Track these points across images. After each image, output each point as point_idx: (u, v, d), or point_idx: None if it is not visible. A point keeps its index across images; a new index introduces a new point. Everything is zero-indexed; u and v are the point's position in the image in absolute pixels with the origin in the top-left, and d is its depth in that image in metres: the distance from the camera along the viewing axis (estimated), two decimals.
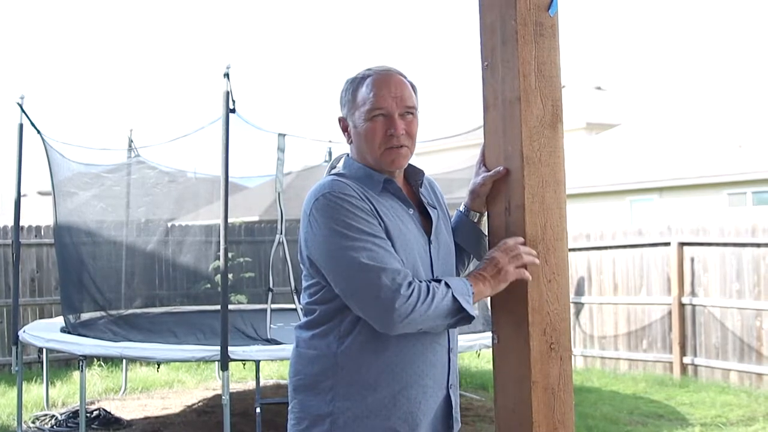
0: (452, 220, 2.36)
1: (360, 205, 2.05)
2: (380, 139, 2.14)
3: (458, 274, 2.32)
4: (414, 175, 2.27)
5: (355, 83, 2.20)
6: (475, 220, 2.30)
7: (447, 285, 2.03)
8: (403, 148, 2.16)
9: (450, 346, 2.20)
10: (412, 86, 2.22)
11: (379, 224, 2.06)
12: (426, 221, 2.22)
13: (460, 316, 2.04)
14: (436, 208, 2.27)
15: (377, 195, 2.13)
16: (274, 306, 6.96)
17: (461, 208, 2.33)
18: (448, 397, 2.20)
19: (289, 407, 2.20)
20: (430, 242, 2.18)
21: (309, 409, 2.12)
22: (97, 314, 7.88)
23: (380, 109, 2.13)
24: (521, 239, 2.09)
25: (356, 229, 2.01)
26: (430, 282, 2.03)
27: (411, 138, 2.17)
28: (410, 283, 1.97)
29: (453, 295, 2.00)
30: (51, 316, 9.39)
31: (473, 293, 2.04)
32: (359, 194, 2.08)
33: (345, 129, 2.24)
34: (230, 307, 6.60)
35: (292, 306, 7.14)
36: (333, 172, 2.24)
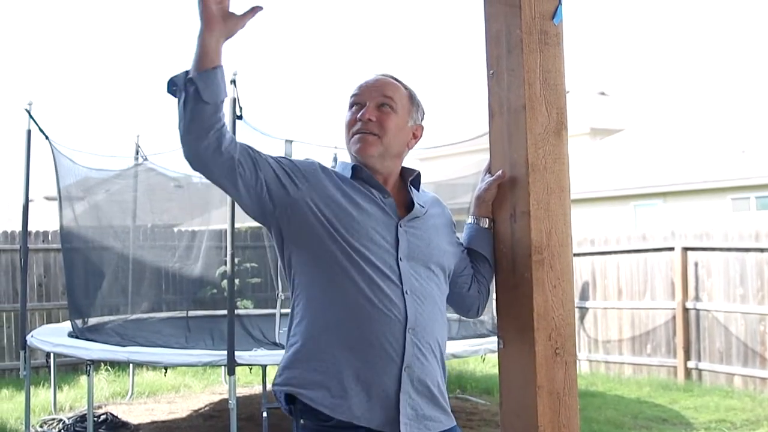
0: (464, 233, 2.35)
1: (301, 161, 2.17)
2: (351, 125, 2.22)
3: (480, 283, 2.35)
4: (409, 175, 2.30)
5: None
6: (486, 226, 2.31)
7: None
8: (370, 135, 2.18)
9: (408, 326, 2.09)
10: (409, 92, 2.27)
11: (324, 188, 2.13)
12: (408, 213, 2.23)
13: (185, 95, 1.91)
14: (424, 208, 2.26)
15: (349, 178, 2.20)
16: (283, 311, 6.99)
17: (469, 220, 2.34)
18: (399, 379, 2.08)
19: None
20: (399, 225, 2.16)
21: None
22: (105, 319, 7.93)
23: (356, 97, 2.23)
24: None
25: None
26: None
27: (383, 129, 2.18)
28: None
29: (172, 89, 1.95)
30: (58, 321, 9.43)
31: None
32: (331, 171, 2.19)
33: None
34: (236, 312, 6.64)
35: None
36: None
